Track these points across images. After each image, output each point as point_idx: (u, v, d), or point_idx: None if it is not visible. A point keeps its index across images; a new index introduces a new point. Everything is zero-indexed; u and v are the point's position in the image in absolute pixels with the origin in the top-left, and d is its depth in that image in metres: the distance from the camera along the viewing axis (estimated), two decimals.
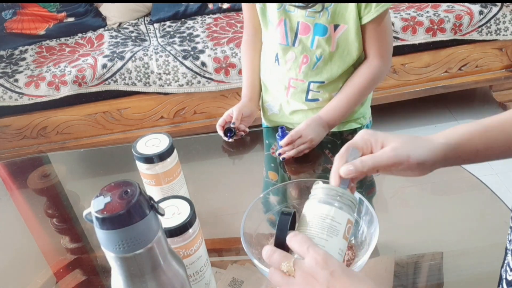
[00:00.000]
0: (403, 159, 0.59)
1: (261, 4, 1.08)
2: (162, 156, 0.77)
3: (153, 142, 0.79)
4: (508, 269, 0.60)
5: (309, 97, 1.12)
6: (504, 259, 0.63)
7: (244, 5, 1.15)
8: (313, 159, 1.08)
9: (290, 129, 1.06)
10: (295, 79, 1.10)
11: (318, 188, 0.58)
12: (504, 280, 0.61)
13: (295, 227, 0.59)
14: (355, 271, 0.51)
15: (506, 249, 0.62)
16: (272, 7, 1.05)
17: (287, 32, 1.05)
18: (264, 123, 1.28)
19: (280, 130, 1.05)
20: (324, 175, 1.04)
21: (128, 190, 0.47)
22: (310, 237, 0.54)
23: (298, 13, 1.03)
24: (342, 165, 0.59)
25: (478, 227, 0.90)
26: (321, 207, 0.56)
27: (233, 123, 1.10)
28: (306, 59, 1.07)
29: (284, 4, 1.02)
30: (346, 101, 1.07)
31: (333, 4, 1.00)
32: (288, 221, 0.55)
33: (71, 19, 2.29)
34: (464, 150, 0.61)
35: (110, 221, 0.45)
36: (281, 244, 0.54)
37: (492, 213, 0.90)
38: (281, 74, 1.12)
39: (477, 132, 0.61)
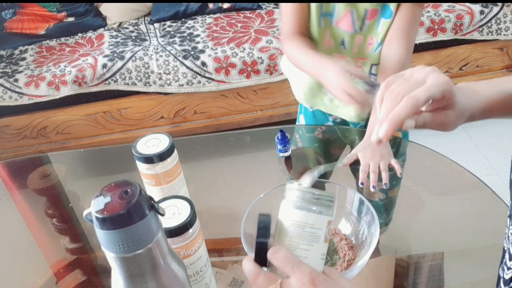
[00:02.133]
0: (444, 127, 0.60)
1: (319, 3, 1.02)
2: (162, 156, 0.77)
3: (153, 142, 0.79)
4: (505, 267, 0.60)
5: None
6: (502, 258, 0.63)
7: (293, 5, 1.03)
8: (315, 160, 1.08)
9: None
10: (363, 58, 1.08)
11: (294, 190, 0.53)
12: (501, 279, 0.61)
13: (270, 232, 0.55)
14: (342, 282, 0.50)
15: (504, 248, 0.62)
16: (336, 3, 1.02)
17: (354, 20, 1.03)
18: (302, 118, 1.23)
19: (280, 133, 1.04)
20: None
21: (128, 190, 0.47)
22: (291, 249, 0.52)
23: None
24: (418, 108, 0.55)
25: (479, 227, 0.90)
26: (298, 214, 0.52)
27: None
28: (372, 40, 1.05)
29: None
30: None
31: None
32: (267, 233, 0.52)
33: (71, 19, 2.28)
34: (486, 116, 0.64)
35: (110, 221, 0.45)
36: (262, 260, 0.52)
37: (493, 213, 0.90)
38: (348, 56, 1.09)
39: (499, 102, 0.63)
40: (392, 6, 0.99)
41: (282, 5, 1.05)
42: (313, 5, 1.02)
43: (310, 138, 1.16)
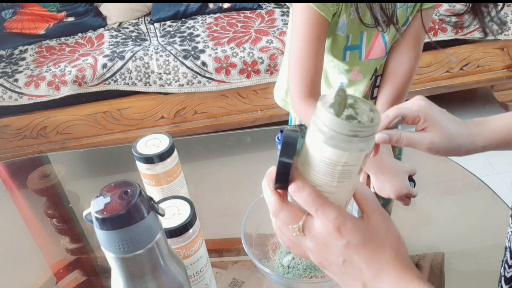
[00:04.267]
0: (434, 152, 0.65)
1: (342, 33, 0.92)
2: (162, 156, 0.77)
3: (153, 142, 0.79)
4: (506, 266, 0.60)
5: (374, 94, 1.08)
6: (504, 256, 0.63)
7: (315, 47, 0.87)
8: None
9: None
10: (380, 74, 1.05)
11: (330, 120, 0.40)
12: (502, 278, 0.61)
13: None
14: (372, 234, 0.45)
15: (506, 247, 0.62)
16: (363, 28, 0.90)
17: (386, 44, 0.97)
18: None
19: (280, 133, 1.04)
20: None
21: (128, 190, 0.47)
22: (317, 184, 0.44)
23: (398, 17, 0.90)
24: (383, 127, 0.64)
25: (480, 227, 0.90)
26: (331, 152, 0.41)
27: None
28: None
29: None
30: None
31: None
32: (293, 152, 0.42)
33: (71, 19, 2.28)
34: (499, 149, 0.66)
35: (110, 221, 0.45)
36: (284, 183, 0.44)
37: (493, 213, 0.89)
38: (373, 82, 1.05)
39: None
40: (411, 14, 0.94)
41: (297, 54, 0.89)
42: (339, 38, 0.93)
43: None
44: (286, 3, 2.36)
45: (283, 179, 0.44)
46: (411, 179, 0.85)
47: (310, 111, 0.90)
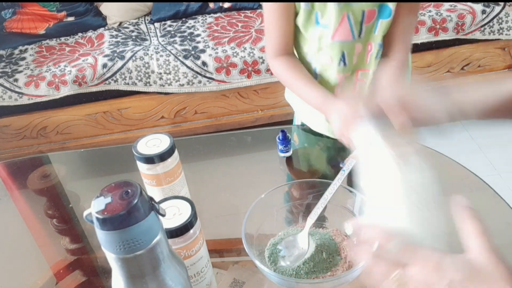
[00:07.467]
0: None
1: (306, 6, 0.97)
2: (163, 157, 0.77)
3: (153, 142, 0.78)
4: None
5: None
6: None
7: (276, 19, 1.00)
8: (316, 160, 1.08)
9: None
10: (363, 69, 1.05)
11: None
12: None
13: None
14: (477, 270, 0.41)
15: None
16: (330, 6, 0.96)
17: (352, 26, 0.98)
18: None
19: (281, 133, 1.04)
20: (329, 176, 1.03)
21: (129, 190, 0.47)
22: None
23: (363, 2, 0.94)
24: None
25: None
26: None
27: None
28: (370, 46, 1.01)
29: None
30: None
31: None
32: None
33: (71, 19, 2.28)
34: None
35: (111, 221, 0.45)
36: None
37: (495, 213, 0.89)
38: (346, 71, 1.05)
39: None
40: (391, 4, 0.95)
41: (266, 24, 1.03)
42: (305, 13, 0.98)
43: (307, 139, 1.16)
44: None
45: None
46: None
47: (277, 66, 1.06)
